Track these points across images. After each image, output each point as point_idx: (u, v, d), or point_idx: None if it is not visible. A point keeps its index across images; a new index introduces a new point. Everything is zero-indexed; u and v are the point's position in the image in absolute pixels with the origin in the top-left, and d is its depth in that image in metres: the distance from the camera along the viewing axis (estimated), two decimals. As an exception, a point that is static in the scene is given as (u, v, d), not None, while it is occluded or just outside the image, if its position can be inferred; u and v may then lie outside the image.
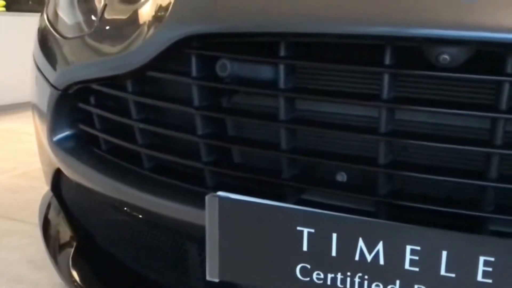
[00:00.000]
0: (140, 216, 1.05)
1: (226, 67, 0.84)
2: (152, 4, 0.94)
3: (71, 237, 1.25)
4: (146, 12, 0.94)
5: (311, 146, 0.85)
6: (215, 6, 0.84)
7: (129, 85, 0.97)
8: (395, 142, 0.76)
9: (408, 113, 0.78)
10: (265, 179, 0.86)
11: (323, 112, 0.84)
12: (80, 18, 1.14)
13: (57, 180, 1.29)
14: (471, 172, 0.75)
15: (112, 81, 1.00)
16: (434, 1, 0.69)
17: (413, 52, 0.72)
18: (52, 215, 1.32)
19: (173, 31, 0.86)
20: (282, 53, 0.80)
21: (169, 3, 0.88)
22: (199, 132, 0.89)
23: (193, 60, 0.87)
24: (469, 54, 0.70)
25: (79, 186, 1.15)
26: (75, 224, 1.25)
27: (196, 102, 0.88)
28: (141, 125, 0.97)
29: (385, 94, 0.74)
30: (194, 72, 0.87)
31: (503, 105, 0.70)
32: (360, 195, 0.80)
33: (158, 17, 0.90)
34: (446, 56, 0.69)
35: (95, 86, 1.04)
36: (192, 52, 0.86)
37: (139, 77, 0.95)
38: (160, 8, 0.91)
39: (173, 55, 0.88)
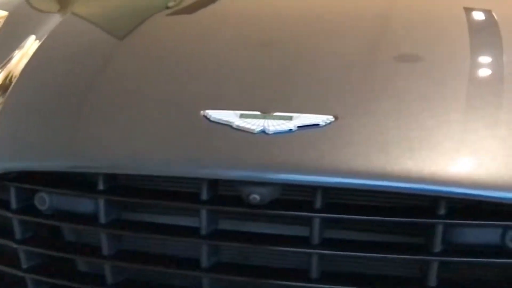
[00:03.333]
0: None
1: (45, 200, 0.80)
2: None
3: None
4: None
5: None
6: (29, 143, 0.81)
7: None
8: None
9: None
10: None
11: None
12: None
13: None
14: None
15: None
16: (237, 145, 0.70)
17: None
18: None
19: None
20: (101, 187, 0.77)
21: None
22: (24, 265, 0.84)
23: (12, 192, 0.82)
24: (279, 193, 0.70)
25: None
26: None
27: (17, 235, 0.83)
28: None
29: (204, 229, 0.73)
30: (13, 205, 0.82)
31: (316, 239, 0.70)
32: None
33: None
34: (255, 196, 0.69)
35: None
36: (11, 184, 0.81)
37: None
38: None
39: None
